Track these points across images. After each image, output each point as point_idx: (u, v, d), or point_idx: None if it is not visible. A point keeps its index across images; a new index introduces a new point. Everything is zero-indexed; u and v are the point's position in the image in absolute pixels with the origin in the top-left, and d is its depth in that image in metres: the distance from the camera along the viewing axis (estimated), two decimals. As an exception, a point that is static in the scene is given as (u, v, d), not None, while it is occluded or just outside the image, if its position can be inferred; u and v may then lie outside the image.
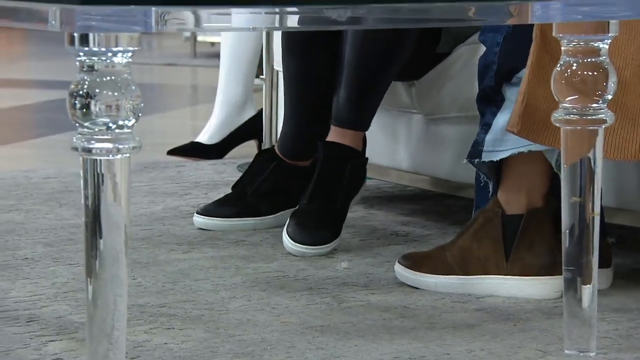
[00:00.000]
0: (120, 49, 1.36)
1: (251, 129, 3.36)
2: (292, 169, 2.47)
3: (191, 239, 2.37)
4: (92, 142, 1.36)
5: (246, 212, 2.45)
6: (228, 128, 3.35)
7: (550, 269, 1.93)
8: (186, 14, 1.37)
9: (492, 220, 1.95)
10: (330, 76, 2.38)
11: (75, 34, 1.33)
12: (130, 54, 1.37)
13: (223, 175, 3.09)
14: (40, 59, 6.66)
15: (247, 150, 3.39)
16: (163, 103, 4.74)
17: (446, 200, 2.71)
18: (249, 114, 3.35)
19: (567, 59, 1.63)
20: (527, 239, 1.93)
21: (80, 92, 1.35)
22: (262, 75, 3.16)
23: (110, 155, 1.37)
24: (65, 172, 3.06)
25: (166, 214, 2.60)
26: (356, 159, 2.31)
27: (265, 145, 3.10)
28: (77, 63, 1.36)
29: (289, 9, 1.42)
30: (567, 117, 1.63)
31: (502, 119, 1.94)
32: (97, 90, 1.35)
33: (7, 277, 2.05)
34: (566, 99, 1.63)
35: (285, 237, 2.25)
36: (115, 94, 1.36)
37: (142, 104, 1.38)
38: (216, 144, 3.35)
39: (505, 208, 1.95)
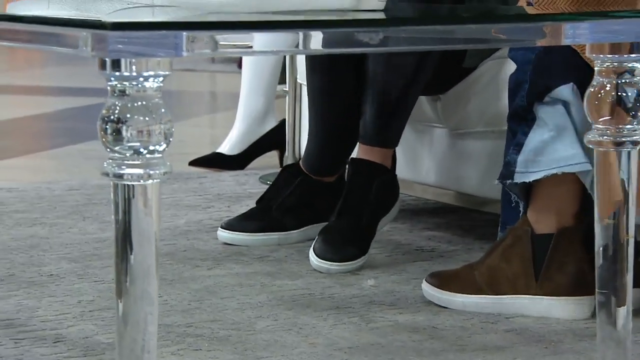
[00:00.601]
0: (152, 73, 1.35)
1: (273, 139, 3.35)
2: (318, 184, 2.46)
3: (215, 254, 2.36)
4: (123, 167, 1.35)
5: (271, 227, 2.44)
6: (250, 139, 3.34)
7: (580, 289, 1.91)
8: (217, 38, 1.35)
9: (522, 239, 1.93)
10: (355, 92, 2.36)
11: (107, 59, 1.32)
12: (161, 79, 1.36)
13: (245, 187, 3.08)
14: (59, 64, 6.67)
15: (269, 161, 3.38)
16: (181, 111, 4.73)
17: (471, 214, 2.70)
18: (271, 124, 3.34)
19: (601, 79, 1.61)
20: (558, 258, 1.91)
21: (112, 117, 1.34)
22: (285, 82, 3.15)
23: (142, 181, 1.36)
24: (88, 184, 3.05)
25: (190, 227, 2.59)
26: (384, 175, 2.29)
27: (288, 157, 3.08)
28: (109, 88, 1.35)
29: (321, 31, 1.41)
30: (601, 138, 1.61)
31: (534, 139, 1.92)
32: (128, 116, 1.34)
33: (33, 295, 2.05)
34: (599, 120, 1.61)
35: (312, 254, 2.24)
36: (147, 119, 1.34)
37: (173, 128, 1.37)
38: (238, 154, 3.34)
39: (534, 227, 1.93)
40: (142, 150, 1.35)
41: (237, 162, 3.34)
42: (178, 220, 2.66)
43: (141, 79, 1.34)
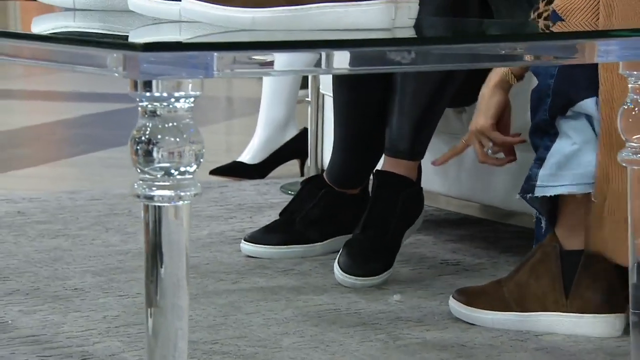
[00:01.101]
0: (183, 94, 1.34)
1: (294, 148, 3.34)
2: (342, 197, 2.44)
3: (239, 267, 2.34)
4: (154, 188, 1.34)
5: (294, 240, 2.43)
6: (271, 147, 3.33)
7: (611, 306, 1.89)
8: (250, 58, 1.34)
9: (550, 256, 1.91)
10: (381, 104, 2.34)
11: (138, 80, 1.31)
12: (192, 99, 1.35)
13: (266, 196, 3.06)
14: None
15: (290, 170, 3.37)
16: (199, 117, 4.72)
17: (495, 226, 2.67)
18: (292, 133, 3.33)
19: (635, 96, 1.59)
20: (588, 275, 1.89)
21: (142, 138, 1.33)
22: (307, 86, 3.14)
23: (172, 202, 1.35)
24: (109, 193, 3.04)
25: (212, 239, 2.58)
26: (410, 188, 2.28)
27: (311, 167, 3.06)
28: (139, 109, 1.34)
29: (352, 50, 1.40)
30: (635, 156, 1.59)
31: (557, 152, 1.89)
32: (159, 137, 1.33)
33: (58, 310, 2.04)
34: (633, 138, 1.59)
35: (336, 268, 2.22)
36: (178, 140, 1.33)
37: (204, 149, 1.36)
38: (259, 163, 3.33)
39: (563, 243, 1.91)
40: (173, 171, 1.34)
41: (257, 171, 3.33)
42: (200, 232, 2.64)
43: (172, 99, 1.33)
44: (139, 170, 1.35)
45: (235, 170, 3.32)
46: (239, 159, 3.36)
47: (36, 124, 4.57)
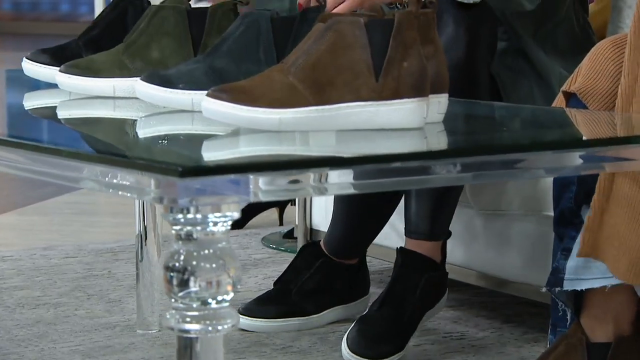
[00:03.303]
0: (219, 215, 1.24)
1: (273, 197, 3.24)
2: (339, 267, 2.35)
3: (235, 343, 2.23)
4: (188, 319, 1.23)
5: (290, 312, 2.32)
6: (249, 197, 3.22)
7: (640, 403, 1.81)
8: (286, 180, 1.25)
9: (576, 348, 1.82)
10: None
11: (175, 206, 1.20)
12: (229, 222, 1.25)
13: (249, 251, 2.96)
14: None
15: (268, 217, 3.27)
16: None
17: (489, 289, 2.60)
18: (271, 181, 3.23)
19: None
20: (616, 370, 1.81)
21: (177, 266, 1.22)
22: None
23: (209, 335, 1.24)
24: (84, 249, 2.92)
25: (201, 307, 2.46)
26: (434, 271, 2.18)
27: (299, 227, 2.95)
28: (173, 232, 1.24)
29: (394, 165, 1.30)
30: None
31: (583, 243, 1.81)
32: (194, 263, 1.23)
33: (51, 406, 1.92)
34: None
35: (344, 345, 2.12)
36: (214, 265, 1.23)
37: (241, 275, 1.26)
38: (237, 213, 3.22)
39: (589, 335, 1.83)
40: (209, 301, 1.23)
41: (236, 220, 3.22)
42: (187, 298, 2.52)
43: (210, 222, 1.23)
44: (172, 300, 1.24)
45: (214, 221, 3.20)
46: (217, 209, 3.25)
47: (-5, 159, 4.40)
